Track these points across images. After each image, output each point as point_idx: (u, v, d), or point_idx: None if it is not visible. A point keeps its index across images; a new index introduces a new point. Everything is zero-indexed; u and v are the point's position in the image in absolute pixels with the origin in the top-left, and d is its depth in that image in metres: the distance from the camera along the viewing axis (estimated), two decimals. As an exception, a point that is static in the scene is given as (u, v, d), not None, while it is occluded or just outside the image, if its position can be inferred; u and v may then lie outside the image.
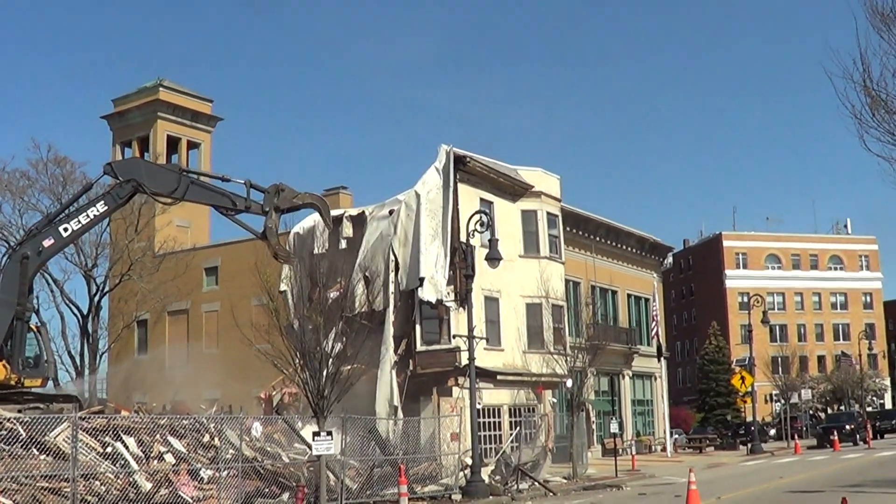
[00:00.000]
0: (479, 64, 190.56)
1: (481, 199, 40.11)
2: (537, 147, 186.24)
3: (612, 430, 42.39)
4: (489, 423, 38.88)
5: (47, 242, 28.54)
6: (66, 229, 28.78)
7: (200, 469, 23.98)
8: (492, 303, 40.24)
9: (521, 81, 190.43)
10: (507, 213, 42.13)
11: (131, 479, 22.24)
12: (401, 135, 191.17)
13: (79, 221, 28.94)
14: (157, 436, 24.02)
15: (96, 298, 51.95)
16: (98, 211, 29.17)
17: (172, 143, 61.40)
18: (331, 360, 25.65)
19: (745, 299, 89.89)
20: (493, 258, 30.87)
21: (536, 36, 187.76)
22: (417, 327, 37.76)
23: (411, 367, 37.16)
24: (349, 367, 27.73)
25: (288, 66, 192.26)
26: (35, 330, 30.10)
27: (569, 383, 39.60)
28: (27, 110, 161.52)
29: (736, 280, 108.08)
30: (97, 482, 21.54)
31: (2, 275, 29.21)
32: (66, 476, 20.20)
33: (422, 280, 36.62)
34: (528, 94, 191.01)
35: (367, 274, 37.53)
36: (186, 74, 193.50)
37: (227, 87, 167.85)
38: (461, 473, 30.29)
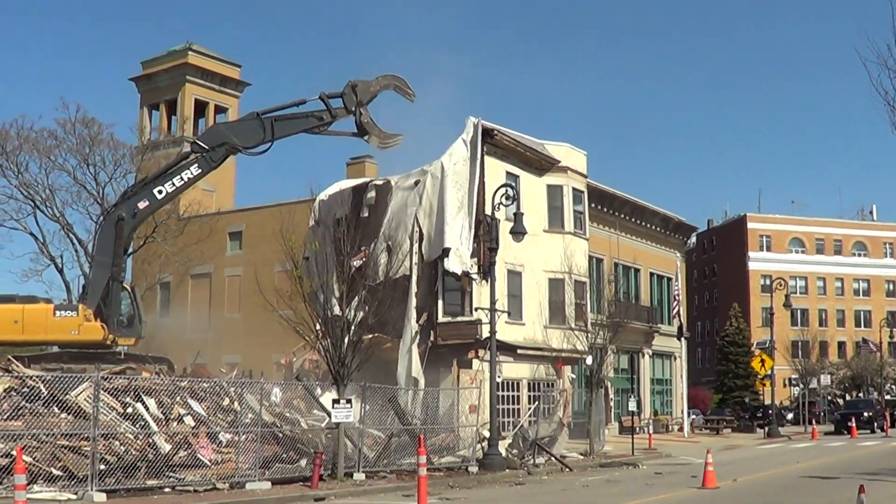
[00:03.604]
0: (508, 35, 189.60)
1: (507, 173, 39.87)
2: (564, 122, 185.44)
3: (630, 409, 42.35)
4: (508, 396, 38.87)
5: (142, 204, 29.25)
6: (160, 191, 29.45)
7: (219, 432, 24.12)
8: (514, 277, 40.13)
9: (549, 56, 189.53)
10: (533, 188, 41.93)
11: (150, 440, 22.39)
12: (427, 105, 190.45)
13: (173, 184, 29.66)
14: (178, 398, 24.12)
15: (120, 260, 52.20)
16: (192, 174, 29.86)
17: (200, 108, 61.42)
18: (352, 328, 25.73)
19: (768, 282, 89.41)
20: (518, 232, 30.68)
21: (564, 9, 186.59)
22: (439, 299, 37.71)
23: (432, 338, 37.12)
24: (370, 335, 27.78)
25: (314, 33, 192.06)
26: (129, 290, 30.73)
27: (588, 360, 39.52)
28: (55, 70, 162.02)
29: (759, 262, 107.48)
30: (117, 442, 21.68)
31: (97, 236, 29.90)
32: (86, 435, 20.34)
33: (447, 251, 36.50)
34: (556, 69, 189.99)
35: (390, 243, 37.51)
36: (215, 39, 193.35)
37: (254, 54, 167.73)
38: (478, 446, 30.33)
